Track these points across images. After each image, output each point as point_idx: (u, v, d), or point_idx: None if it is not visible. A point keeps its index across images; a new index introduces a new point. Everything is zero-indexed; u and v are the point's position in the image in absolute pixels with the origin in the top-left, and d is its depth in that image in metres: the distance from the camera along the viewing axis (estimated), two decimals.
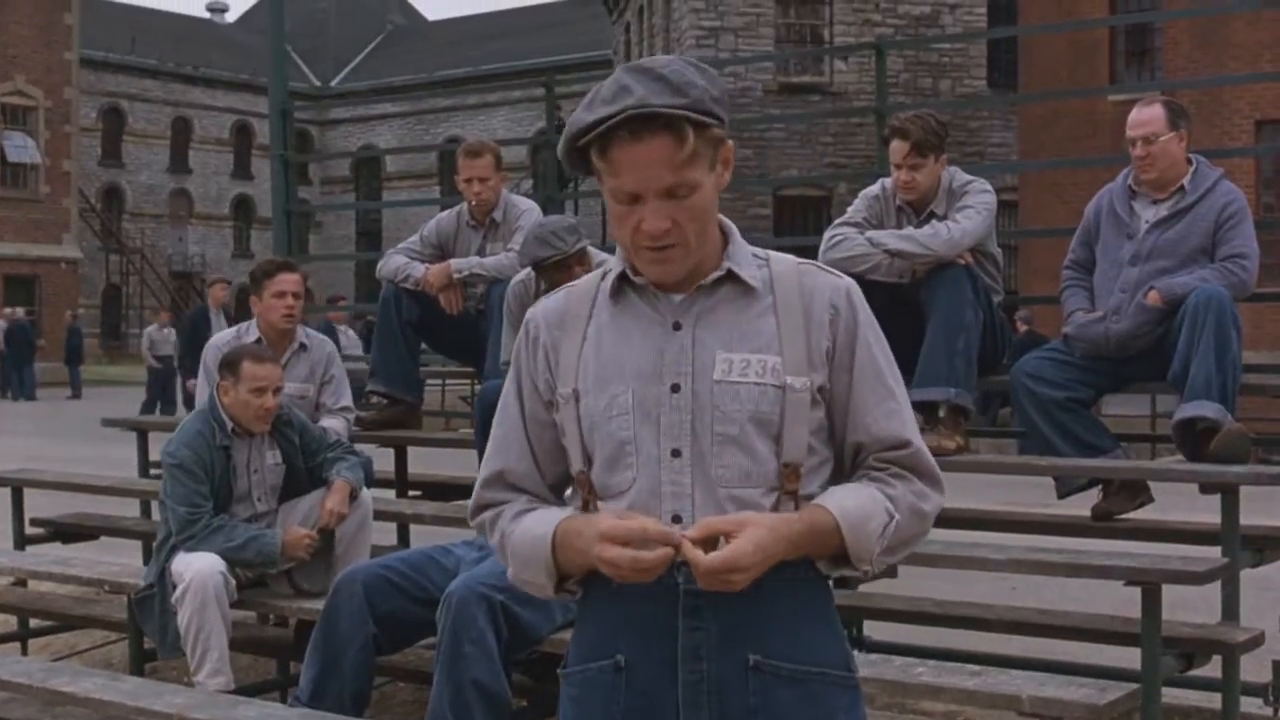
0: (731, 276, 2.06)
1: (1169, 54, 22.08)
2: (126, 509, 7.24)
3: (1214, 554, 4.53)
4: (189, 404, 13.65)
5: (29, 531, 6.70)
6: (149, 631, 5.18)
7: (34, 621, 6.52)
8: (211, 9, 63.62)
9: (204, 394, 5.61)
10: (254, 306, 5.87)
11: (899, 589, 4.98)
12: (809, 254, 2.45)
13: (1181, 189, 5.11)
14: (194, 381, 9.42)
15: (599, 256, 5.56)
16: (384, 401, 6.50)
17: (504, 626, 4.08)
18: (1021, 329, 16.92)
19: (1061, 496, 5.27)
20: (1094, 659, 4.94)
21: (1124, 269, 5.14)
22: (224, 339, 5.94)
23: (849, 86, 27.42)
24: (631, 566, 1.92)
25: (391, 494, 6.56)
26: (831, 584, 2.12)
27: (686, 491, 2.00)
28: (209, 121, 55.76)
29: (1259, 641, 4.40)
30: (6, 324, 31.78)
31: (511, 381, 2.17)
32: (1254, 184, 19.30)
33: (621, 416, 2.03)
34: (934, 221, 5.35)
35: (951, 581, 5.61)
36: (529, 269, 5.57)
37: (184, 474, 4.97)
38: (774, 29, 28.14)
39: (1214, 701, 4.67)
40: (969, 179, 5.45)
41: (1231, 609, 4.57)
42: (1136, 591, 4.07)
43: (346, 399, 6.01)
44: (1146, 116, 5.11)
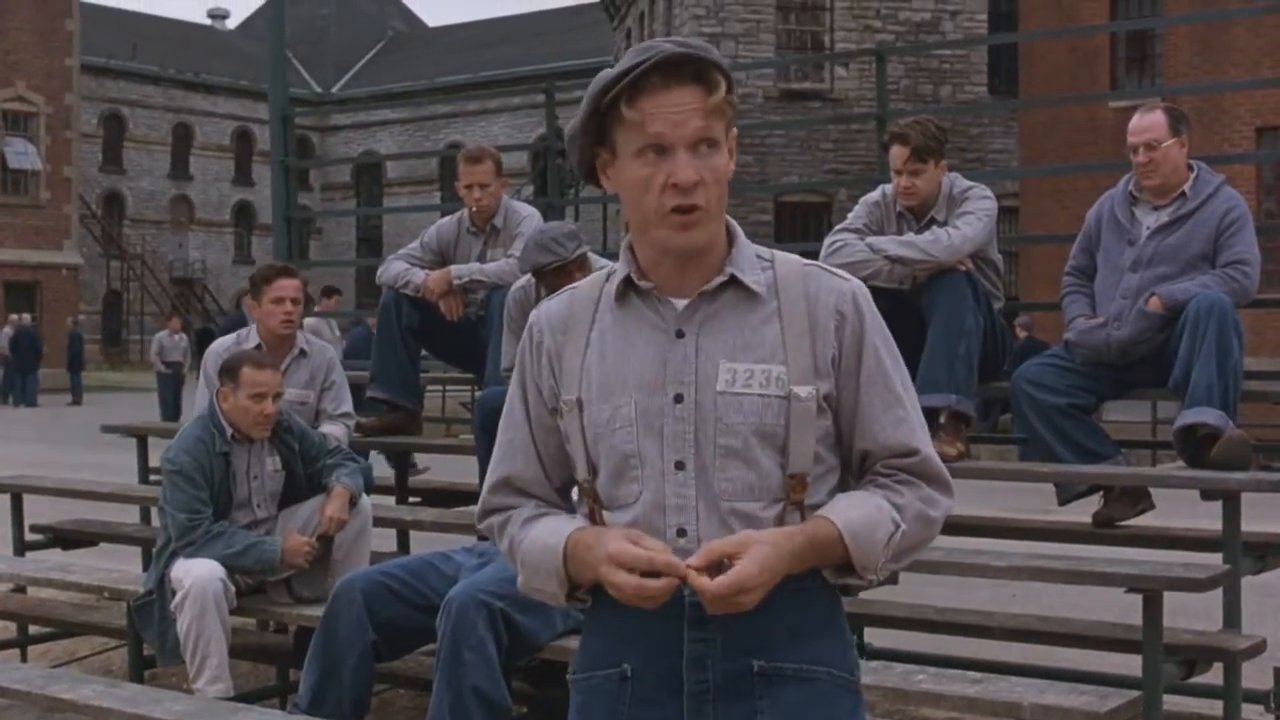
0: (734, 281, 2.02)
1: (1170, 60, 22.09)
2: (126, 515, 7.23)
3: (1215, 561, 4.53)
4: None
5: (29, 537, 6.70)
6: (148, 638, 5.17)
7: (33, 628, 6.52)
8: (212, 15, 63.66)
9: (204, 400, 5.61)
10: (253, 311, 5.88)
11: (900, 596, 4.98)
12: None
13: (1183, 195, 5.11)
14: None
15: (599, 263, 5.56)
16: (384, 408, 6.49)
17: (504, 633, 4.07)
18: (1021, 335, 16.90)
19: (1062, 503, 5.26)
20: (1095, 666, 4.94)
21: (1125, 275, 5.14)
22: (224, 345, 5.94)
23: (850, 93, 27.43)
24: (636, 594, 1.92)
25: (391, 500, 6.56)
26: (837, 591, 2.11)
27: (691, 505, 1.98)
28: (210, 128, 55.80)
29: (1260, 648, 4.39)
30: (13, 330, 31.81)
31: (516, 385, 2.15)
32: (1255, 190, 19.31)
33: (625, 429, 2.01)
34: (934, 227, 5.34)
35: (952, 588, 5.61)
36: (529, 275, 5.57)
37: (184, 480, 4.96)
38: (774, 35, 28.15)
39: (1215, 709, 4.66)
40: (969, 185, 5.45)
41: (1233, 616, 4.56)
42: (1138, 598, 4.06)
43: (347, 405, 6.00)
44: (1148, 123, 5.10)
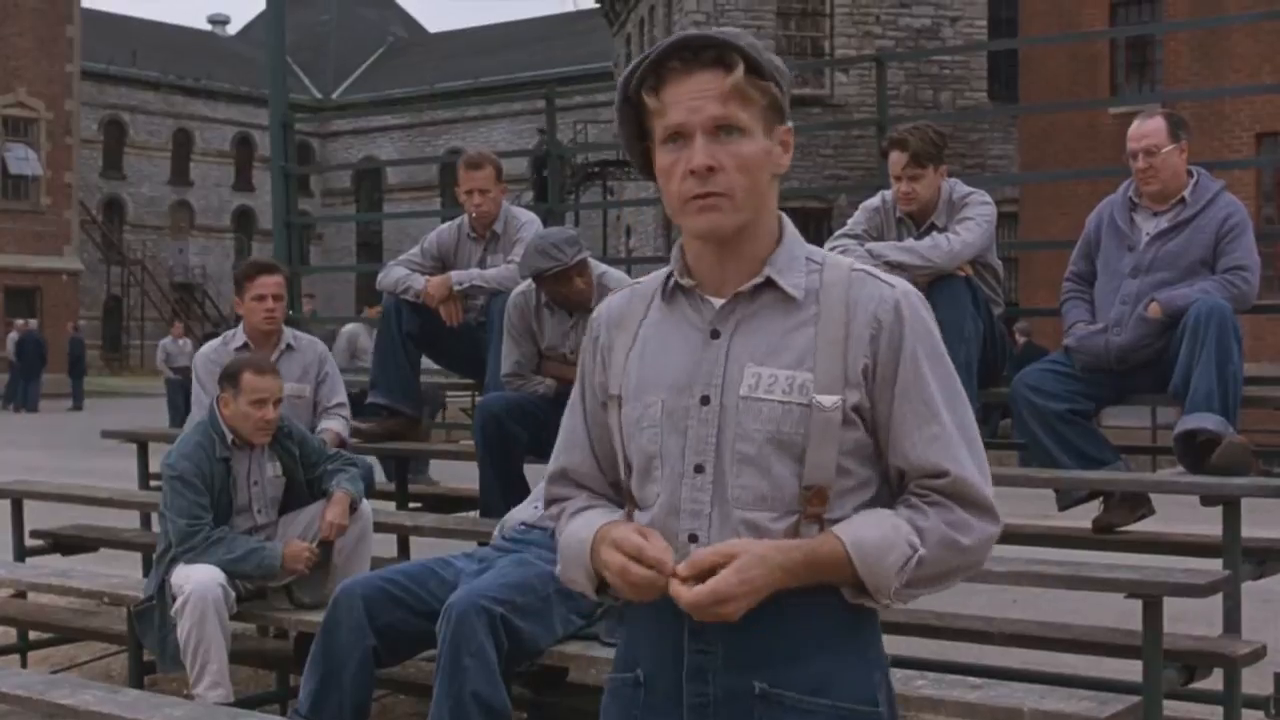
0: (772, 284, 1.97)
1: (1169, 66, 22.11)
2: (126, 521, 7.24)
3: (1215, 566, 4.53)
4: None
5: (29, 543, 6.69)
6: (148, 644, 5.17)
7: (33, 634, 6.51)
8: (213, 21, 63.70)
9: (199, 405, 5.61)
10: (238, 308, 5.88)
11: None
12: None
13: (1182, 201, 5.12)
14: None
15: (599, 269, 5.57)
16: (384, 414, 6.49)
17: (504, 639, 4.07)
18: (1020, 341, 16.90)
19: (1062, 508, 5.26)
20: (1095, 671, 4.93)
21: (1125, 281, 5.15)
22: (212, 348, 5.94)
23: (849, 99, 27.45)
24: (619, 574, 1.92)
25: (392, 506, 6.56)
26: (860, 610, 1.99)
27: (705, 510, 1.94)
28: (210, 134, 55.82)
29: (1261, 654, 4.39)
30: (19, 335, 31.82)
31: (578, 378, 2.15)
32: (1254, 196, 19.32)
33: (651, 429, 1.99)
34: (934, 233, 5.35)
35: (952, 593, 5.58)
36: (530, 281, 5.58)
37: (184, 486, 4.96)
38: (775, 41, 28.15)
39: (1216, 715, 4.66)
40: (969, 191, 5.46)
41: (1233, 621, 4.56)
42: (1137, 604, 4.06)
43: (341, 396, 6.01)
44: (1148, 129, 5.11)
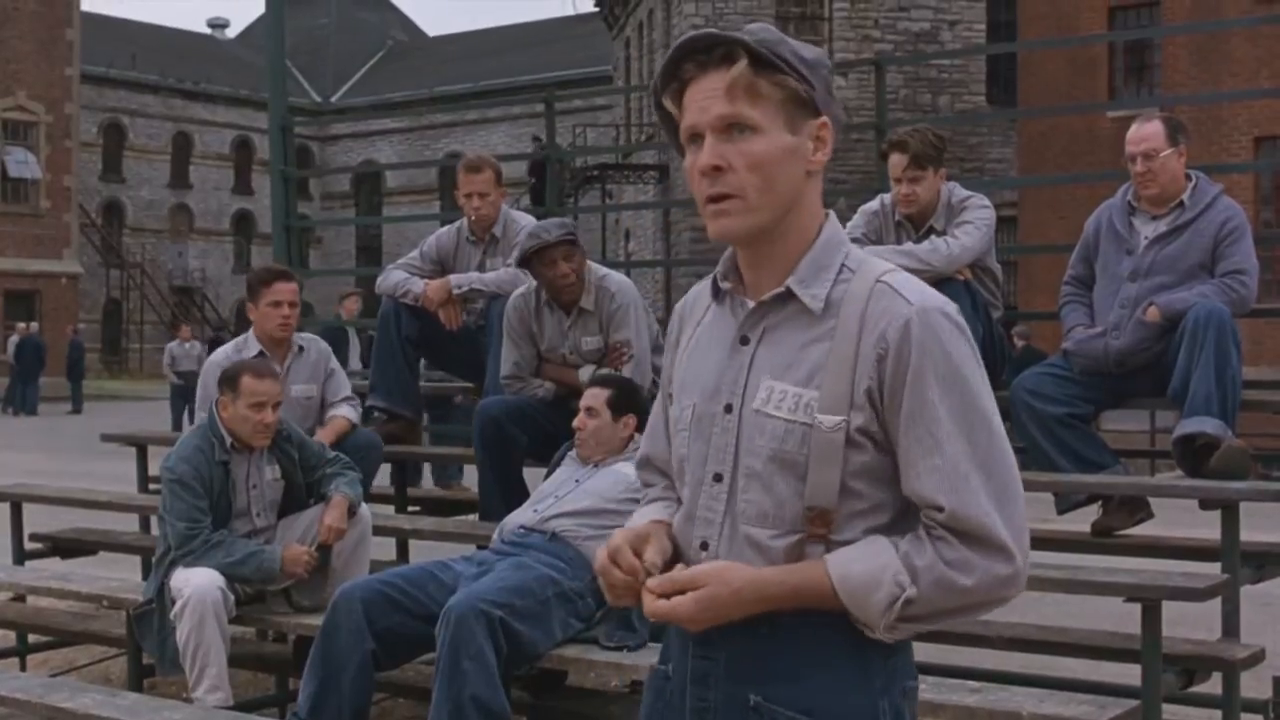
0: (793, 294, 1.90)
1: (1168, 70, 22.14)
2: (125, 524, 7.24)
3: (1214, 570, 4.53)
4: None
5: (28, 546, 6.69)
6: (148, 647, 5.17)
7: (32, 637, 6.51)
8: (212, 25, 63.71)
9: (203, 410, 5.61)
10: (250, 314, 5.89)
11: None
12: None
13: (1181, 204, 5.12)
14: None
15: (600, 271, 5.56)
16: (383, 417, 6.50)
17: (503, 642, 4.08)
18: (1019, 345, 16.91)
19: (1061, 512, 5.26)
20: (1094, 675, 4.93)
21: (1123, 284, 5.15)
22: (224, 354, 5.94)
23: (848, 102, 27.45)
24: (600, 572, 1.95)
25: (391, 509, 6.56)
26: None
27: (717, 520, 1.93)
28: (209, 137, 55.81)
29: (1259, 658, 4.39)
30: (19, 338, 31.82)
31: (665, 365, 2.15)
32: (1253, 200, 19.35)
33: (683, 432, 1.99)
34: (933, 237, 5.36)
35: None
36: (528, 284, 5.59)
37: (183, 489, 4.96)
38: None
39: (1214, 718, 4.66)
40: (968, 194, 5.46)
41: (1232, 625, 4.56)
42: (1136, 608, 4.06)
43: (348, 387, 6.08)
44: (1146, 133, 5.12)
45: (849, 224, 5.60)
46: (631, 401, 4.79)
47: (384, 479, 6.62)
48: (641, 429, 4.87)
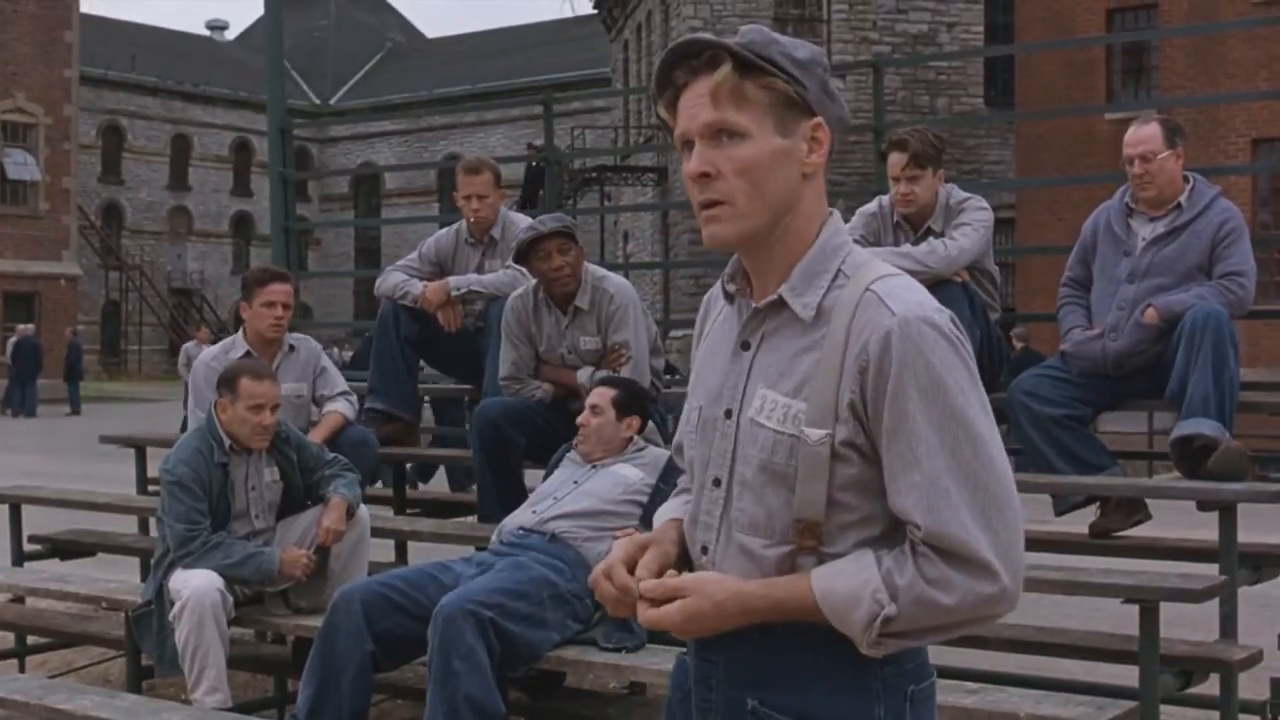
0: (785, 301, 1.89)
1: (1165, 72, 22.15)
2: (124, 525, 7.23)
3: (1212, 571, 4.54)
4: None
5: (27, 548, 6.69)
6: (146, 648, 5.17)
7: (31, 638, 6.51)
8: (211, 26, 63.69)
9: (196, 415, 5.61)
10: (243, 312, 5.90)
11: None
12: None
13: (1178, 206, 5.13)
14: None
15: (599, 273, 5.56)
16: (382, 418, 6.49)
17: (495, 641, 4.08)
18: (1017, 346, 16.93)
19: (1059, 514, 5.27)
20: (1092, 677, 4.93)
21: (1121, 286, 5.15)
22: (211, 354, 5.95)
23: (847, 104, 27.47)
24: (592, 583, 1.97)
25: (389, 511, 6.56)
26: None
27: (715, 525, 1.93)
28: (208, 139, 55.82)
29: (1257, 659, 4.39)
30: (17, 339, 31.79)
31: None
32: (1250, 201, 19.36)
33: (690, 434, 2.01)
34: (931, 239, 5.36)
35: None
36: (527, 285, 5.59)
37: (182, 491, 4.97)
38: None
39: (1212, 719, 4.66)
40: (966, 196, 5.47)
41: (1229, 626, 4.57)
42: (1134, 609, 4.07)
43: (342, 384, 6.07)
44: (1144, 135, 5.12)
45: (847, 226, 5.59)
46: (636, 403, 4.80)
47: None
48: (643, 432, 4.89)
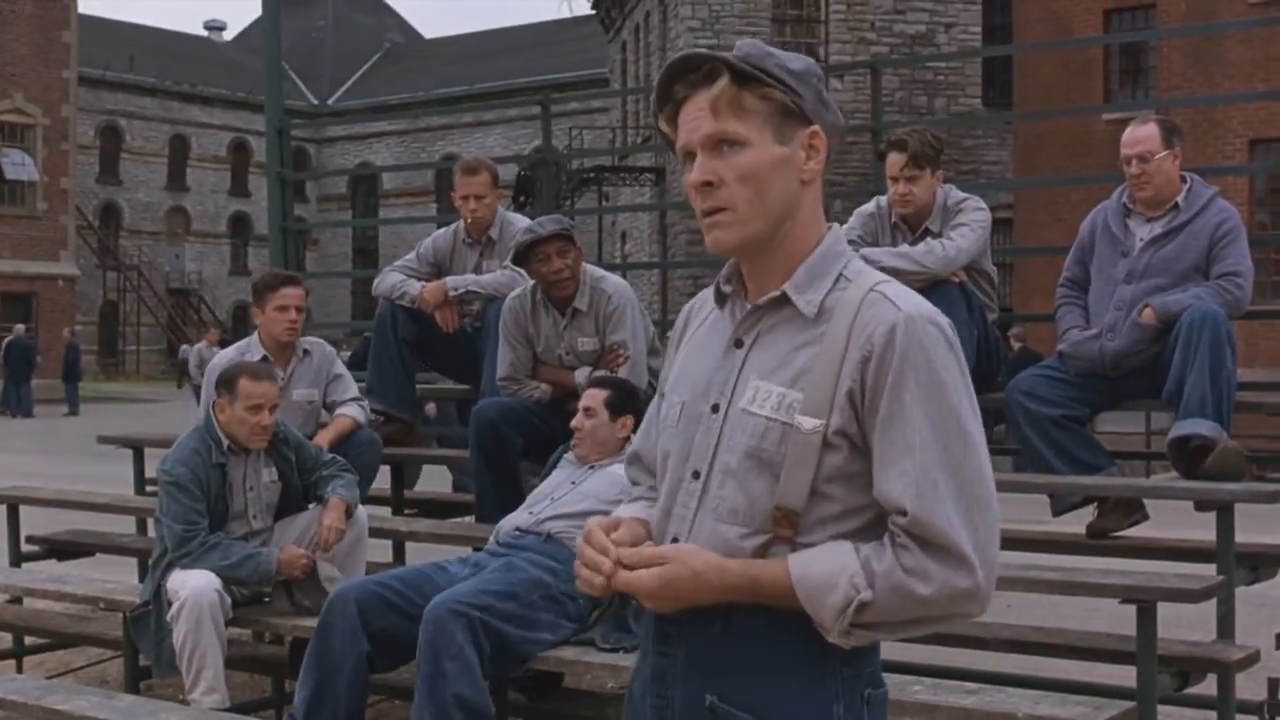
0: (788, 298, 1.94)
1: (1163, 73, 22.17)
2: (122, 526, 7.23)
3: (1209, 572, 4.54)
4: None
5: (24, 549, 6.69)
6: (144, 649, 5.17)
7: (29, 639, 6.51)
8: (209, 27, 63.67)
9: (201, 412, 5.61)
10: (255, 318, 5.90)
11: None
12: None
13: (1176, 207, 5.13)
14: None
15: (597, 273, 5.57)
16: (380, 419, 6.49)
17: (485, 642, 4.08)
18: (1015, 347, 16.94)
19: (1056, 514, 5.27)
20: (1089, 677, 4.93)
21: (1119, 286, 5.16)
22: (226, 358, 5.95)
23: (844, 105, 27.47)
24: (577, 554, 1.98)
25: (387, 511, 6.56)
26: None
27: (689, 516, 1.96)
28: (206, 139, 55.79)
29: (1254, 659, 4.40)
30: (10, 339, 31.78)
31: (665, 364, 2.17)
32: (1247, 202, 19.37)
33: (670, 428, 2.02)
34: (929, 239, 5.36)
35: None
36: (524, 286, 5.59)
37: (180, 491, 4.97)
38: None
39: (1210, 719, 4.67)
40: (964, 196, 5.47)
41: (1227, 627, 4.57)
42: (1132, 609, 4.07)
43: (354, 389, 6.09)
44: (1141, 135, 5.13)
45: (845, 226, 5.60)
46: (629, 403, 4.80)
47: (383, 480, 6.61)
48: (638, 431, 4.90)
